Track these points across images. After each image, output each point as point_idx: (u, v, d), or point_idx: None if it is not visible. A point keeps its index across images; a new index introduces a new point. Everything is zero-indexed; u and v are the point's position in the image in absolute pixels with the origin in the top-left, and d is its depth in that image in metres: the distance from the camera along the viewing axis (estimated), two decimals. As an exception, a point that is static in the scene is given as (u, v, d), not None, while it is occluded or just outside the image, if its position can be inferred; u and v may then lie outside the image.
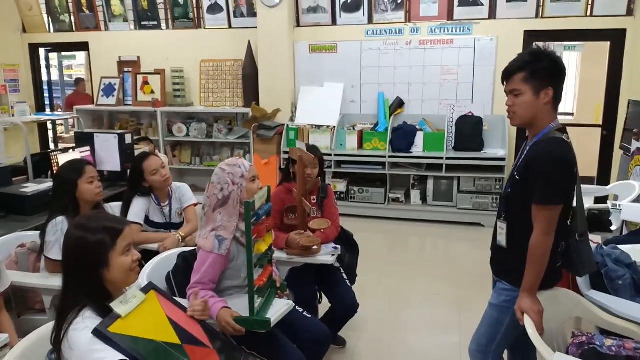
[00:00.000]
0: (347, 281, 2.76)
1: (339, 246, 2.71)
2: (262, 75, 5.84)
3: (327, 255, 2.61)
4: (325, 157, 5.19)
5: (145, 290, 1.59)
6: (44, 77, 7.41)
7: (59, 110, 7.83)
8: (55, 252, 2.36)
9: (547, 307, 1.79)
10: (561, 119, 1.84)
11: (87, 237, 1.42)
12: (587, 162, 5.20)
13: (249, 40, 5.83)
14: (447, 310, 3.45)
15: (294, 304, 2.13)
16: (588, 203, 3.10)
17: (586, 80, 6.93)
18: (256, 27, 5.75)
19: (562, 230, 1.79)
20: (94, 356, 1.31)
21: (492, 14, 5.30)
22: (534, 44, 5.10)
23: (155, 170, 2.90)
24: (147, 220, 2.94)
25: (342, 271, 2.78)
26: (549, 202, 1.72)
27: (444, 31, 5.43)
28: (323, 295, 2.85)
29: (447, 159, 5.22)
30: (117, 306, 1.42)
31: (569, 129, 1.86)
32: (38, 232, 2.49)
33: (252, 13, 5.89)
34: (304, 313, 2.24)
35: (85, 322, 1.36)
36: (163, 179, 2.93)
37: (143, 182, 2.91)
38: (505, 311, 1.89)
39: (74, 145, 4.05)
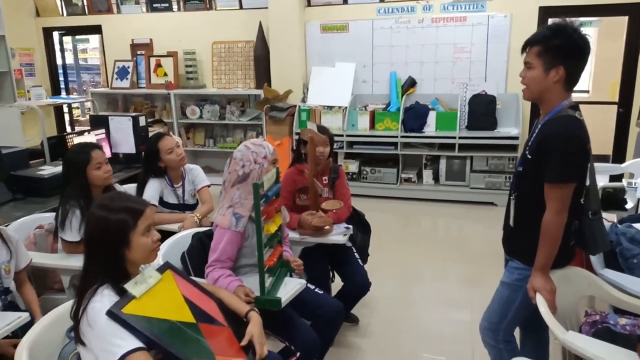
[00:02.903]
0: (359, 260, 2.79)
1: (350, 226, 2.74)
2: (273, 56, 5.82)
3: (339, 235, 2.64)
4: (337, 138, 5.22)
5: (162, 270, 1.60)
6: (59, 61, 7.45)
7: (74, 93, 7.89)
8: (69, 234, 2.42)
9: (560, 286, 1.79)
10: (576, 96, 1.81)
11: (109, 217, 1.44)
12: (602, 140, 5.13)
13: (260, 21, 5.80)
14: (459, 289, 3.47)
15: (306, 283, 2.16)
16: (603, 181, 3.06)
17: (602, 57, 6.77)
18: (267, 8, 5.71)
19: (575, 208, 1.78)
20: (112, 339, 1.34)
21: (506, -10, 5.19)
22: (548, 20, 4.99)
23: (171, 149, 2.94)
24: (161, 201, 2.98)
25: (354, 250, 2.80)
26: (562, 180, 1.71)
27: (457, 8, 5.33)
28: (336, 274, 2.88)
29: (459, 138, 5.18)
30: (131, 287, 1.44)
31: (583, 106, 1.83)
32: (54, 214, 2.54)
33: (263, -7, 5.84)
34: (316, 290, 2.27)
35: (103, 300, 1.39)
36: (179, 157, 2.96)
37: (158, 162, 2.95)
38: (517, 289, 1.90)
39: (89, 128, 4.10)
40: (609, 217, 2.50)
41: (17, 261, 2.18)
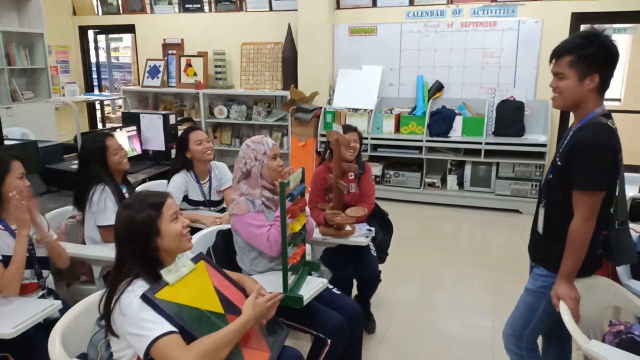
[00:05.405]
0: (372, 251, 2.80)
1: (373, 228, 2.75)
2: (301, 58, 5.87)
3: (361, 237, 2.65)
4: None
5: (196, 260, 1.67)
6: (93, 59, 7.66)
7: (106, 91, 8.10)
8: (103, 219, 2.50)
9: (584, 295, 1.77)
10: (607, 104, 1.79)
11: (135, 215, 1.52)
12: (633, 149, 5.01)
13: (289, 23, 5.86)
14: (481, 295, 3.44)
15: (328, 283, 2.18)
16: (632, 191, 2.99)
17: (636, 65, 6.63)
18: (296, 10, 5.76)
19: (603, 218, 1.76)
20: (145, 324, 1.39)
21: (538, -5, 5.13)
22: (580, 26, 4.91)
23: (200, 141, 3.02)
24: (186, 199, 3.04)
25: (371, 243, 2.81)
26: (591, 187, 1.69)
27: (487, 13, 5.30)
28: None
29: (486, 144, 5.13)
30: (166, 274, 1.51)
31: (615, 115, 1.82)
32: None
33: (293, -5, 5.91)
34: (334, 290, 2.30)
35: (136, 290, 1.44)
36: (204, 150, 3.03)
37: (186, 152, 3.03)
38: (541, 297, 1.89)
39: (120, 124, 4.21)
40: (637, 228, 2.46)
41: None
